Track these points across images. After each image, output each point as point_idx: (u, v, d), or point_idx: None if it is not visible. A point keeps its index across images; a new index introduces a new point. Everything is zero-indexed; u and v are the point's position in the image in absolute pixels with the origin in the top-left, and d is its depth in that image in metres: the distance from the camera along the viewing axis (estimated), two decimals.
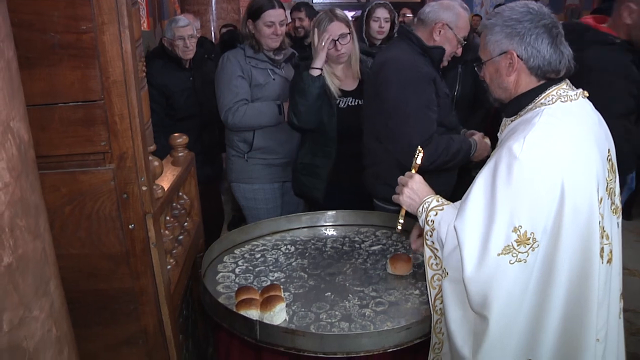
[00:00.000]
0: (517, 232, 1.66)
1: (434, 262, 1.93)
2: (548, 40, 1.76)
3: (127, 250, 1.78)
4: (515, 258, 1.67)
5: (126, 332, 1.88)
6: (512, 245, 1.66)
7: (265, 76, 3.41)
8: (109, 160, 1.70)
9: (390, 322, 1.97)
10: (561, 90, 1.79)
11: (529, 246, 1.66)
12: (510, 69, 1.81)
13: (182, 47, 4.04)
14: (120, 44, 1.62)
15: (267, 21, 3.32)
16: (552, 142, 1.68)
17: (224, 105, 3.36)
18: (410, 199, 2.00)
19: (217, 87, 3.44)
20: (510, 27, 1.78)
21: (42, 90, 1.60)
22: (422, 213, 1.94)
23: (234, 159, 3.59)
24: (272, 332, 1.88)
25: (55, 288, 1.04)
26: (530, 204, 1.65)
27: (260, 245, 2.62)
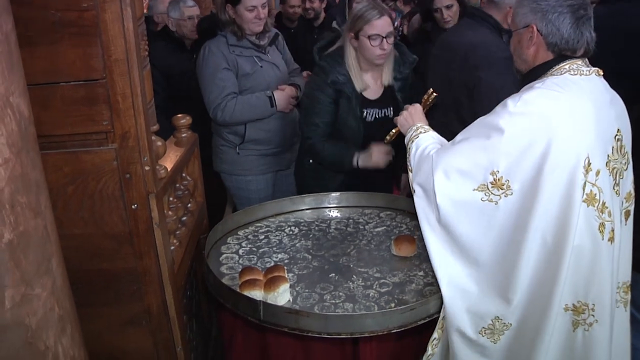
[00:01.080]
0: (494, 176, 1.80)
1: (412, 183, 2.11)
2: (570, 20, 1.82)
3: (130, 230, 1.77)
4: (487, 197, 1.83)
5: (130, 312, 1.88)
6: (486, 185, 1.82)
7: (251, 64, 3.25)
8: (112, 140, 1.69)
9: (394, 303, 1.96)
10: (574, 65, 1.86)
11: (502, 191, 1.80)
12: (530, 42, 1.89)
13: (191, 27, 4.01)
14: (122, 22, 1.60)
15: (248, 5, 3.13)
16: (545, 103, 1.78)
17: (211, 101, 3.20)
18: (405, 121, 2.28)
19: (202, 82, 3.28)
20: (535, 3, 1.87)
21: (44, 69, 1.59)
22: (407, 134, 2.22)
23: (223, 149, 3.43)
24: (276, 312, 1.87)
25: (57, 266, 1.03)
26: (511, 155, 1.77)
27: (264, 226, 2.61)
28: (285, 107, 3.28)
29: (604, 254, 1.78)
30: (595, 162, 1.74)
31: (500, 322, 1.85)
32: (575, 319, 1.80)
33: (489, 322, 1.86)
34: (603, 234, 1.77)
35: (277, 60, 3.39)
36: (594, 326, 1.80)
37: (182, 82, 4.01)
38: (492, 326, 1.86)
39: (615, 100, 1.90)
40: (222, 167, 3.48)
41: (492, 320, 1.86)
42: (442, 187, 1.90)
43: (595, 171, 1.74)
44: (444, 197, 1.90)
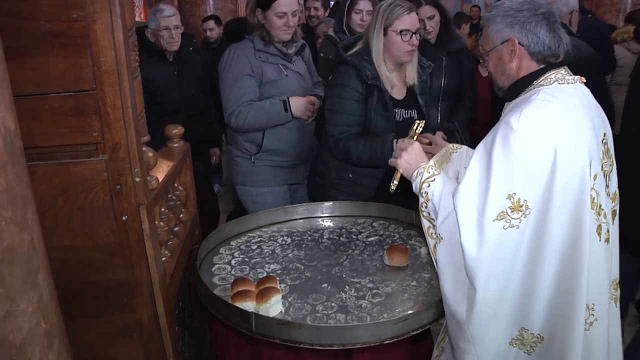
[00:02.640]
0: (512, 199, 1.74)
1: (432, 232, 1.97)
2: (546, 27, 1.86)
3: (121, 241, 1.77)
4: (508, 224, 1.75)
5: (121, 323, 1.87)
6: (506, 212, 1.75)
7: (277, 72, 3.14)
8: (102, 151, 1.69)
9: (387, 313, 1.95)
10: (559, 74, 1.88)
11: (522, 213, 1.75)
12: (513, 55, 1.90)
13: (168, 38, 3.84)
14: (112, 33, 1.60)
15: (278, 11, 3.01)
16: (546, 114, 1.77)
17: (227, 108, 3.10)
18: (407, 163, 2.08)
19: (222, 85, 3.15)
20: (510, 17, 1.88)
21: (33, 80, 1.59)
22: (415, 178, 2.02)
23: (238, 160, 3.31)
24: (267, 324, 1.86)
25: (44, 280, 1.02)
26: (525, 172, 1.74)
27: (256, 236, 2.60)
28: (302, 113, 3.16)
29: (602, 255, 1.82)
30: (594, 167, 1.78)
31: (528, 332, 1.84)
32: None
33: (517, 332, 1.85)
34: (600, 236, 1.81)
35: (302, 70, 3.30)
36: (594, 325, 1.82)
37: (165, 96, 3.92)
38: (520, 337, 1.85)
39: (599, 106, 1.95)
40: (237, 179, 3.37)
41: (519, 331, 1.85)
42: (466, 225, 1.79)
43: (594, 175, 1.78)
44: (468, 235, 1.79)
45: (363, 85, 2.80)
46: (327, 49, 3.94)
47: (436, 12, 3.83)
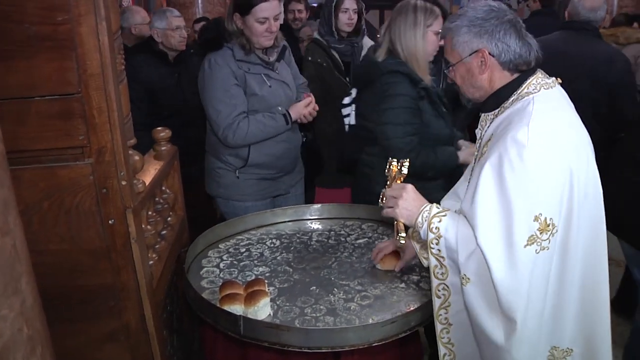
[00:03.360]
0: (538, 220, 1.65)
1: (439, 272, 1.86)
2: (515, 35, 1.80)
3: (108, 245, 1.76)
4: (539, 247, 1.67)
5: (108, 328, 1.86)
6: (535, 235, 1.66)
7: (260, 83, 2.95)
8: (88, 155, 1.68)
9: (376, 316, 1.95)
10: (539, 79, 1.83)
11: (549, 232, 1.67)
12: (483, 67, 1.83)
13: (179, 38, 3.89)
14: (97, 36, 1.59)
15: (259, 17, 2.81)
16: (555, 127, 1.72)
17: (221, 121, 2.87)
18: (407, 210, 1.91)
19: (208, 99, 2.93)
20: (477, 26, 1.80)
21: (19, 83, 1.58)
22: (422, 223, 1.87)
23: (221, 172, 3.12)
24: (256, 327, 1.86)
25: (26, 285, 1.01)
26: (546, 189, 1.66)
27: (245, 239, 2.59)
28: (302, 115, 3.04)
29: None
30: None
31: (558, 349, 1.82)
32: None
33: (547, 353, 1.83)
34: None
35: (286, 77, 3.12)
36: None
37: (165, 98, 3.89)
38: (552, 357, 1.83)
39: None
40: (219, 192, 3.19)
41: (549, 351, 1.83)
42: (497, 259, 1.68)
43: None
44: (501, 269, 1.67)
45: (415, 90, 2.71)
46: (314, 52, 3.92)
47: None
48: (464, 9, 1.87)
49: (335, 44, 3.91)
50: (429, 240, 1.85)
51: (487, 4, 1.83)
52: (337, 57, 3.92)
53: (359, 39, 3.99)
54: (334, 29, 3.87)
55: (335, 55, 3.91)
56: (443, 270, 1.85)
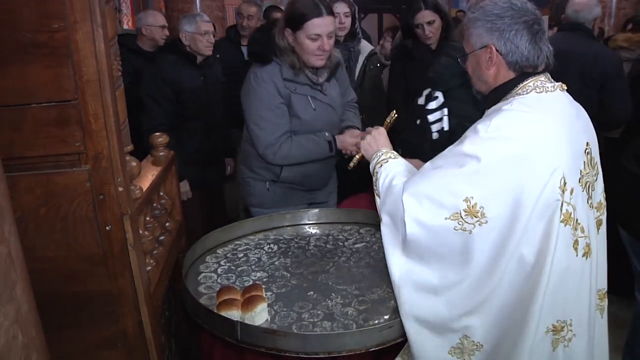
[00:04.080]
0: (468, 203, 1.73)
1: (379, 202, 2.07)
2: (528, 37, 1.80)
3: (105, 251, 1.75)
4: (460, 226, 1.75)
5: (105, 334, 1.85)
6: (460, 214, 1.74)
7: (304, 106, 2.82)
8: (84, 161, 1.68)
9: (373, 320, 1.95)
10: (538, 82, 1.83)
11: (477, 219, 1.73)
12: (490, 63, 1.86)
13: (206, 43, 3.95)
14: (93, 43, 1.59)
15: (310, 33, 2.64)
16: (516, 125, 1.74)
17: (263, 139, 2.77)
18: (368, 145, 2.24)
19: (251, 114, 2.81)
20: (490, 22, 1.82)
21: (15, 90, 1.58)
22: (372, 160, 2.17)
23: (251, 182, 3.06)
24: (253, 332, 1.86)
25: (22, 293, 1.02)
26: (486, 181, 1.72)
27: (243, 244, 2.60)
28: (346, 150, 2.85)
29: (580, 270, 1.78)
30: (569, 181, 1.73)
31: (469, 340, 1.82)
32: (555, 338, 1.78)
33: (457, 340, 1.84)
34: (577, 251, 1.77)
35: (334, 98, 2.96)
36: (573, 340, 1.79)
37: (192, 100, 3.97)
38: (461, 345, 1.84)
39: (581, 113, 1.92)
40: (250, 200, 3.13)
41: (460, 339, 1.83)
42: (413, 215, 1.83)
43: (570, 189, 1.74)
44: (415, 225, 1.83)
45: None
46: None
47: (437, 17, 3.67)
48: (487, 1, 1.87)
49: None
50: (373, 181, 2.12)
51: (509, 0, 1.83)
52: None
53: (355, 43, 3.96)
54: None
55: None
56: (380, 205, 2.05)
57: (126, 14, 8.75)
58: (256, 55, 2.90)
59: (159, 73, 3.91)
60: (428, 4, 3.63)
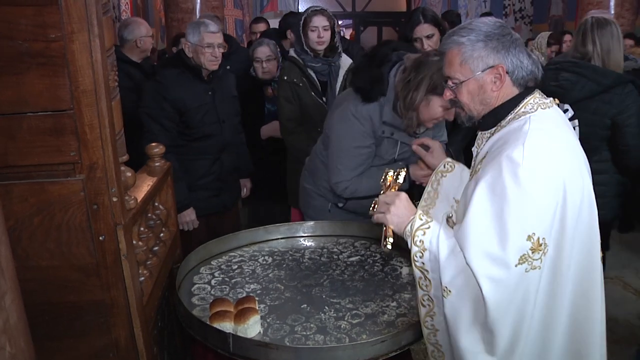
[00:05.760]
0: (531, 240, 1.65)
1: (423, 284, 1.85)
2: (525, 52, 1.81)
3: (98, 261, 1.75)
4: (530, 266, 1.67)
5: (97, 344, 1.84)
6: (527, 254, 1.66)
7: (391, 148, 2.80)
8: (79, 171, 1.68)
9: (366, 334, 1.95)
10: (536, 98, 1.83)
11: (542, 252, 1.67)
12: (498, 84, 1.81)
13: (209, 56, 3.45)
14: (90, 53, 1.59)
15: (445, 104, 2.46)
16: (550, 146, 1.71)
17: (339, 175, 2.75)
18: (397, 217, 1.91)
19: (338, 145, 2.76)
20: (495, 41, 1.78)
21: (10, 99, 1.58)
22: (409, 232, 1.85)
23: (313, 195, 3.06)
24: (245, 345, 1.85)
25: (11, 303, 1.01)
26: (540, 209, 1.66)
27: (237, 256, 2.59)
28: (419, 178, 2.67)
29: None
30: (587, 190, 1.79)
31: None
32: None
33: None
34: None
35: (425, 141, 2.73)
36: None
37: (197, 119, 3.52)
38: None
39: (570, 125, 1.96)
40: (307, 211, 3.13)
41: None
42: (488, 277, 1.67)
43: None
44: (492, 287, 1.67)
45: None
46: (290, 71, 3.79)
47: (436, 31, 3.56)
48: (471, 23, 1.83)
49: (311, 63, 3.76)
50: (413, 254, 1.84)
51: (494, 19, 1.84)
52: (314, 76, 3.79)
53: (336, 57, 3.81)
54: (305, 47, 3.73)
55: (311, 75, 3.78)
56: (427, 283, 1.85)
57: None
58: (361, 90, 2.75)
59: (159, 89, 3.45)
60: (427, 18, 3.56)
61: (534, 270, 1.68)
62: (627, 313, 3.94)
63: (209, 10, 7.00)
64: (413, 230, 1.84)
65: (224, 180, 3.76)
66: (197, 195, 3.62)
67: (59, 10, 1.54)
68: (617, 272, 4.65)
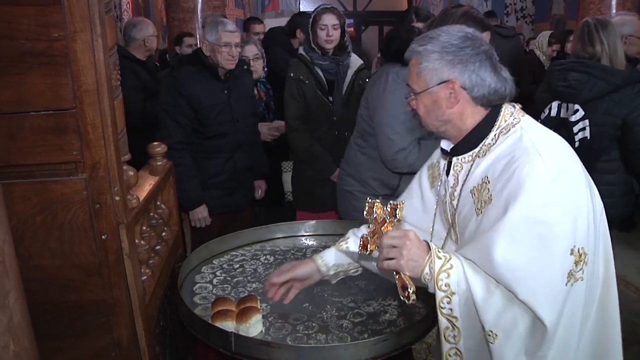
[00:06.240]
0: (573, 254, 1.56)
1: (451, 334, 1.67)
2: (491, 67, 1.67)
3: (100, 261, 1.75)
4: (574, 279, 1.57)
5: (99, 344, 1.85)
6: (572, 270, 1.56)
7: None
8: (81, 170, 1.68)
9: (368, 333, 1.95)
10: (509, 107, 1.74)
11: (583, 262, 1.58)
12: (453, 100, 1.68)
13: (227, 56, 3.46)
14: (92, 53, 1.60)
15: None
16: (563, 153, 1.65)
17: (397, 143, 2.69)
18: (413, 261, 1.63)
19: (386, 116, 2.74)
20: (451, 54, 1.65)
21: (13, 98, 1.58)
22: (429, 276, 1.63)
23: (358, 195, 3.00)
24: (247, 344, 1.85)
25: (15, 302, 1.02)
26: (578, 219, 1.57)
27: (239, 255, 2.59)
28: None
29: None
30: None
31: None
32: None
33: None
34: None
35: None
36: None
37: (212, 117, 3.53)
38: None
39: None
40: (353, 216, 3.04)
41: None
42: (546, 307, 1.54)
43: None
44: (550, 311, 1.54)
45: None
46: (297, 68, 3.78)
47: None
48: (435, 31, 1.71)
49: (318, 61, 3.74)
50: (438, 300, 1.63)
51: (462, 29, 1.70)
52: (321, 74, 3.76)
53: (345, 57, 3.78)
54: (313, 45, 3.71)
55: (318, 73, 3.75)
56: (455, 333, 1.66)
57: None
58: (395, 53, 2.73)
59: (175, 85, 3.50)
60: (421, 16, 3.55)
61: (577, 282, 1.58)
62: (629, 312, 3.94)
63: (211, 9, 7.00)
64: (435, 274, 1.62)
65: (237, 179, 3.75)
66: (211, 193, 3.63)
67: (61, 9, 1.54)
68: (618, 271, 4.62)
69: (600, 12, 7.87)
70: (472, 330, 1.64)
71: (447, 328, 1.66)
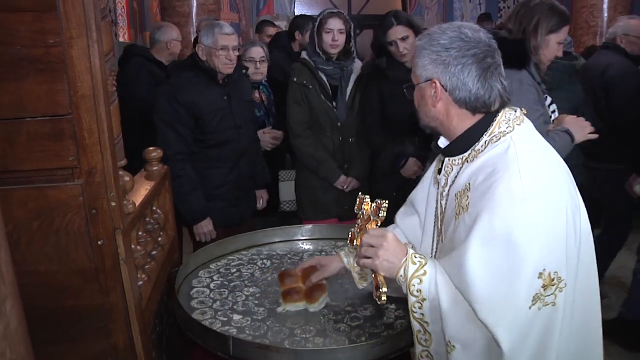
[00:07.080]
0: (542, 277, 1.51)
1: (422, 338, 1.71)
2: (476, 72, 1.62)
3: (97, 266, 1.75)
4: (542, 303, 1.52)
5: (95, 349, 1.84)
6: (539, 293, 1.51)
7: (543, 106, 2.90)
8: (78, 175, 1.68)
9: (365, 336, 1.95)
10: (507, 114, 1.69)
11: (555, 287, 1.52)
12: (435, 99, 1.68)
13: (224, 60, 3.35)
14: (89, 58, 1.60)
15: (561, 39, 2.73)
16: (547, 172, 1.60)
17: None
18: (388, 262, 1.69)
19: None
20: (436, 53, 1.64)
21: (9, 104, 1.58)
22: (403, 279, 1.68)
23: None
24: (245, 347, 1.85)
25: (11, 308, 1.01)
26: (548, 241, 1.52)
27: (236, 259, 2.59)
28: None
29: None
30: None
31: None
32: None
33: None
34: None
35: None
36: None
37: (212, 125, 3.40)
38: None
39: None
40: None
41: None
42: (502, 326, 1.51)
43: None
44: (506, 332, 1.51)
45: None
46: (300, 72, 3.71)
47: (410, 32, 3.47)
48: (434, 28, 1.70)
49: (322, 65, 3.67)
50: (410, 304, 1.68)
51: (458, 28, 1.66)
52: (325, 79, 3.70)
53: (349, 62, 3.72)
54: (318, 49, 3.65)
55: (322, 78, 3.69)
56: (426, 337, 1.71)
57: (122, 26, 8.77)
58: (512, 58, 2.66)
59: (172, 92, 3.33)
60: (400, 19, 3.48)
61: (547, 307, 1.53)
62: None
63: (205, 13, 7.01)
64: (408, 279, 1.66)
65: (241, 189, 3.64)
66: (214, 205, 3.51)
67: (57, 16, 1.54)
68: (614, 273, 4.66)
69: (592, 15, 7.90)
70: (442, 336, 1.66)
71: (419, 331, 1.71)
